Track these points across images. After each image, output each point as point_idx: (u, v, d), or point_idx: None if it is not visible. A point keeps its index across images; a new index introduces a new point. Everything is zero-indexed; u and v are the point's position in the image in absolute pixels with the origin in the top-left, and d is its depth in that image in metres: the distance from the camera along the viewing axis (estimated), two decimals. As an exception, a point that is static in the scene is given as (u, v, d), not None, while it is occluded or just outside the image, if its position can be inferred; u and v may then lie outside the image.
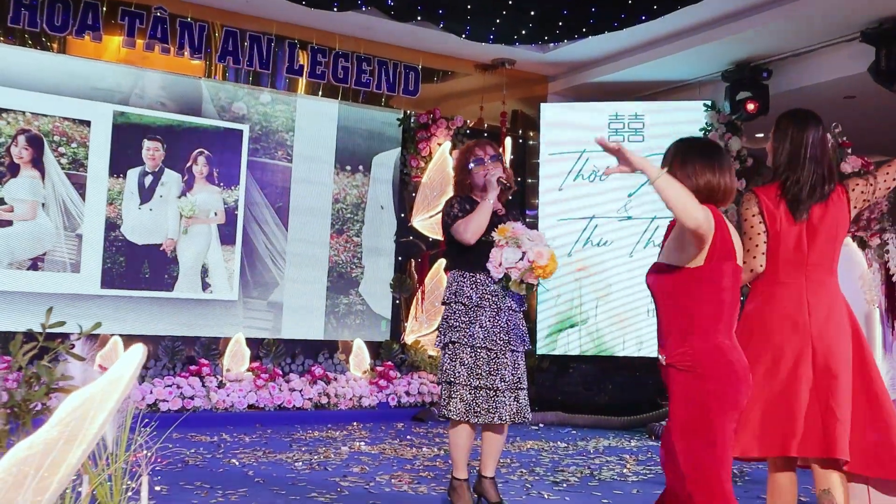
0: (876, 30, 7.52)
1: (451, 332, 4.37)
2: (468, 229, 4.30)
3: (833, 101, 8.82)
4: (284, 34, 8.69)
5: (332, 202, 9.09)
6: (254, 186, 8.70)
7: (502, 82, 9.78)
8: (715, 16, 7.99)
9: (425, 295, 9.23)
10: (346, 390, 8.50)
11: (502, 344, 4.34)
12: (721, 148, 3.08)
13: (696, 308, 2.79)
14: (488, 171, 4.44)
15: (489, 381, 4.27)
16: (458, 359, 4.33)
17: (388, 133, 9.40)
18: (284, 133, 8.84)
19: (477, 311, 4.33)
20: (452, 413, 4.32)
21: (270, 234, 8.81)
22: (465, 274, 4.41)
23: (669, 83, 9.54)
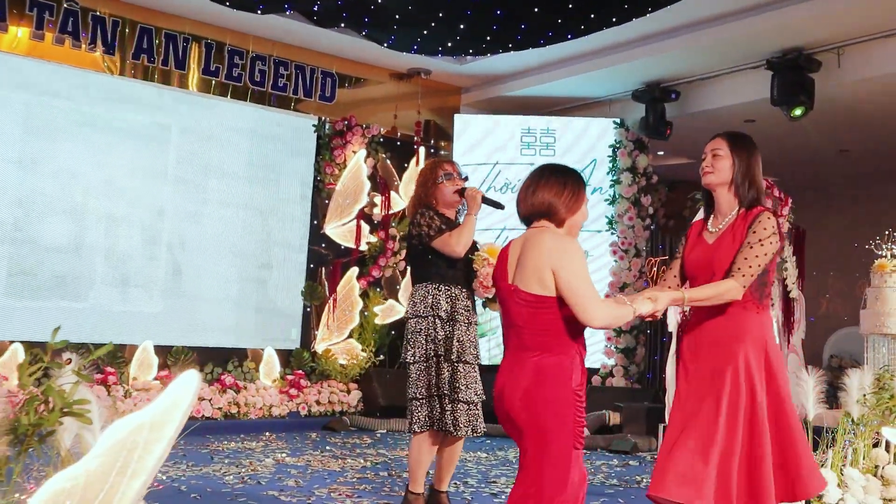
0: (780, 59, 7.93)
1: (431, 345, 4.34)
2: (460, 242, 4.31)
3: (734, 124, 9.21)
4: (198, 34, 8.46)
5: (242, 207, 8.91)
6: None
7: (417, 91, 9.80)
8: (629, 37, 8.23)
9: (337, 303, 9.15)
10: (257, 399, 8.34)
11: (473, 357, 4.37)
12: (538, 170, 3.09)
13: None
14: (465, 188, 4.48)
15: (466, 395, 4.29)
16: (441, 372, 4.32)
17: (302, 138, 9.28)
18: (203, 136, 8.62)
19: (453, 324, 4.34)
20: (417, 425, 4.30)
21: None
22: (440, 287, 4.40)
23: (581, 99, 9.78)
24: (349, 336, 9.18)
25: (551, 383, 2.82)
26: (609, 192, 9.52)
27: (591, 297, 2.80)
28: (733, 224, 3.29)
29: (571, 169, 3.11)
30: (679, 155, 10.90)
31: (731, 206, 3.32)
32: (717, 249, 3.28)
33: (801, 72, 7.78)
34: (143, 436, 1.81)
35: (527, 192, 3.00)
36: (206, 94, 8.59)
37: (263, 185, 9.03)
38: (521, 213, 3.03)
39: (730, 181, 3.31)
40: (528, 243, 2.91)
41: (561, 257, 2.82)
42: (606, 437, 7.76)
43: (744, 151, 3.34)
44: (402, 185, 9.68)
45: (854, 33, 7.49)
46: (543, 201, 2.96)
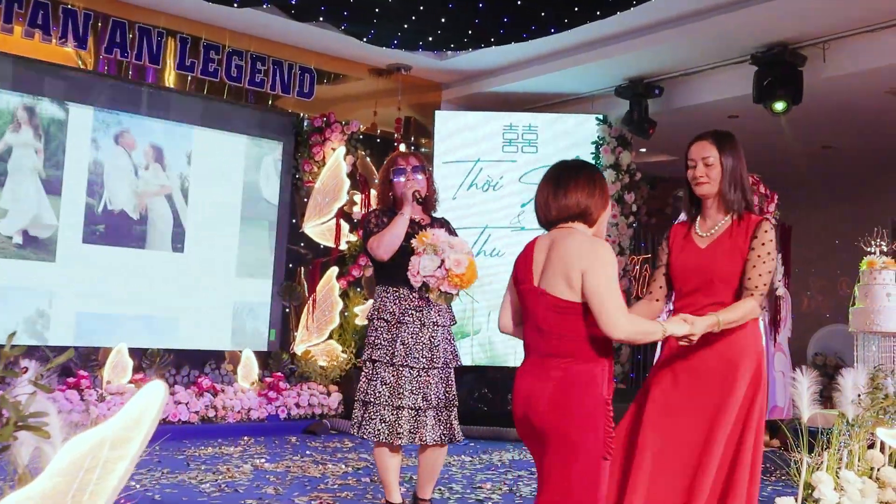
0: (764, 54, 7.83)
1: (372, 349, 4.23)
2: (381, 245, 4.16)
3: (717, 120, 9.12)
4: (173, 28, 8.26)
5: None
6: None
7: (397, 88, 9.64)
8: (612, 32, 8.13)
9: (316, 304, 8.97)
10: (235, 402, 8.14)
11: (425, 361, 4.19)
12: (552, 167, 2.98)
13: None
14: (407, 183, 4.31)
15: (411, 401, 4.12)
16: (378, 378, 4.18)
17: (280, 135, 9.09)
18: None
19: (399, 327, 4.19)
20: (370, 435, 4.16)
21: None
22: (387, 289, 4.27)
23: (563, 96, 9.66)
24: (329, 337, 9.00)
25: (580, 391, 2.70)
26: (592, 189, 9.38)
27: (617, 307, 2.68)
28: (730, 231, 3.20)
29: (590, 164, 3.01)
30: (661, 152, 10.80)
31: (721, 209, 3.23)
32: (714, 256, 3.18)
33: (786, 66, 7.69)
34: (103, 453, 1.65)
35: (554, 194, 2.85)
36: (182, 89, 8.38)
37: (240, 182, 8.83)
38: (549, 217, 2.87)
39: (721, 189, 3.22)
40: (558, 245, 2.79)
41: (593, 262, 2.70)
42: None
43: (731, 155, 3.24)
44: (383, 183, 9.51)
45: (839, 27, 7.40)
46: (576, 203, 2.84)
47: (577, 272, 2.70)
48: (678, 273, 3.26)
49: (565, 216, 2.85)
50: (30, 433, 2.01)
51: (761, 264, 3.11)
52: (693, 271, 3.20)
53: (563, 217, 2.85)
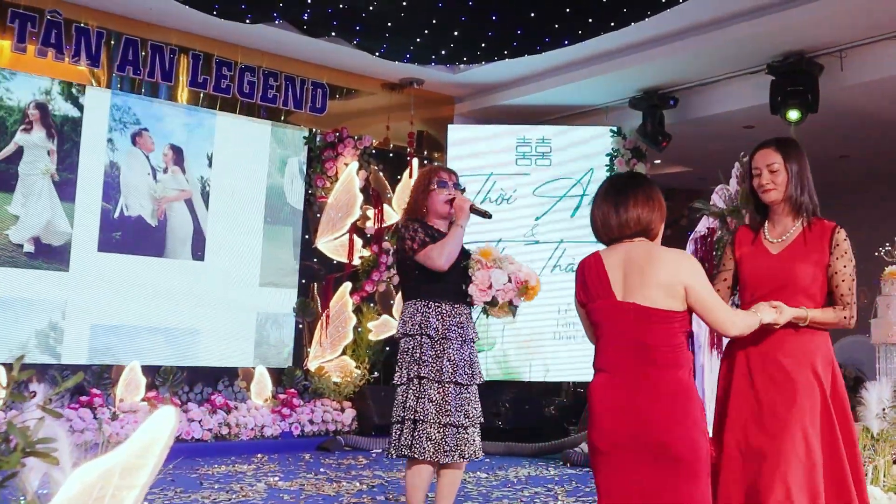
0: (781, 63, 7.75)
1: (416, 366, 4.12)
2: (443, 255, 4.07)
3: (733, 131, 9.06)
4: (185, 45, 8.25)
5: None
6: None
7: (409, 102, 9.61)
8: (625, 43, 8.06)
9: (330, 319, 8.91)
10: (248, 420, 8.09)
11: (468, 378, 4.14)
12: (607, 182, 3.05)
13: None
14: (455, 197, 4.26)
15: (455, 419, 4.06)
16: (425, 395, 4.09)
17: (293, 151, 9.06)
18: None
19: (444, 343, 4.12)
20: (418, 453, 4.07)
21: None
22: (429, 304, 4.17)
23: (577, 108, 9.60)
24: (342, 353, 8.94)
25: (692, 400, 2.76)
26: (607, 201, 9.29)
27: (726, 309, 2.87)
28: (804, 237, 3.21)
29: (646, 177, 3.09)
30: (676, 163, 10.74)
31: (790, 216, 3.25)
32: (790, 262, 3.18)
33: (803, 75, 7.61)
34: (113, 481, 1.59)
35: (616, 210, 2.88)
36: (195, 106, 8.37)
37: (253, 198, 8.80)
38: (612, 234, 2.90)
39: (789, 194, 3.22)
40: (642, 259, 2.83)
41: (692, 273, 2.80)
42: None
43: (795, 161, 3.23)
44: (395, 198, 9.47)
45: (856, 36, 7.32)
46: (638, 218, 2.88)
47: (680, 286, 2.77)
48: (750, 279, 3.26)
49: (629, 232, 2.88)
50: (38, 459, 1.96)
51: (849, 279, 3.16)
52: (767, 277, 3.20)
53: (627, 233, 2.88)
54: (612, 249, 2.90)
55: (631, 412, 2.74)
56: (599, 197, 2.96)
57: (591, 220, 2.98)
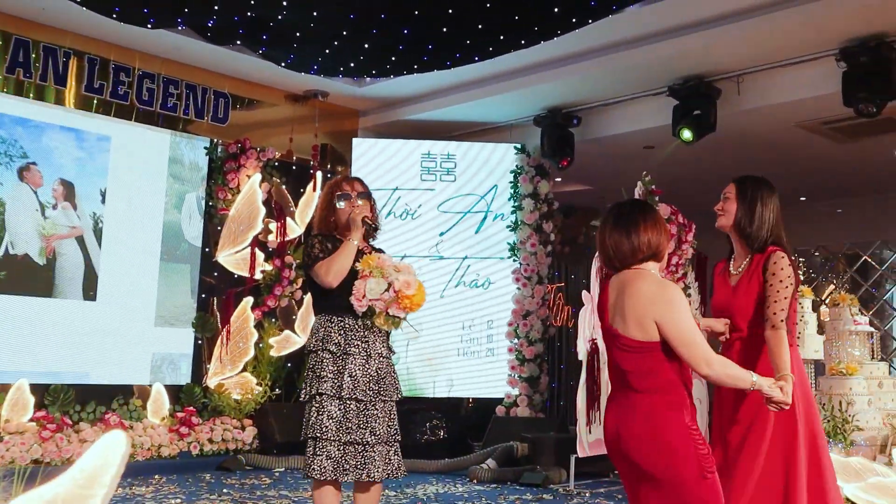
0: (682, 86, 7.98)
1: (317, 382, 4.01)
2: (329, 271, 3.98)
3: (634, 151, 9.27)
4: (80, 48, 7.92)
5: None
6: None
7: (313, 114, 9.47)
8: (531, 61, 8.13)
9: (230, 335, 8.67)
10: (144, 439, 7.78)
11: (372, 394, 4.03)
12: (614, 210, 3.08)
13: None
14: (353, 209, 4.16)
15: (359, 436, 3.95)
16: (325, 412, 3.98)
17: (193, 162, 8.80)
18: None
19: (346, 358, 4.01)
20: (316, 472, 3.95)
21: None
22: (332, 318, 4.07)
23: (482, 124, 9.65)
24: (243, 369, 8.71)
25: (666, 425, 2.80)
26: (511, 218, 9.38)
27: (703, 349, 2.82)
28: (749, 269, 3.38)
29: (645, 203, 3.18)
30: (577, 181, 10.91)
31: (743, 248, 3.44)
32: (736, 294, 3.38)
33: (703, 98, 7.84)
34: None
35: (627, 236, 2.95)
36: (87, 111, 8.03)
37: (151, 209, 8.49)
38: (624, 261, 2.97)
39: (736, 224, 3.42)
40: (628, 288, 2.91)
41: (665, 310, 2.82)
42: (516, 470, 7.55)
43: (748, 194, 3.42)
44: (298, 211, 9.31)
45: (753, 62, 7.59)
46: (648, 243, 2.95)
47: (649, 320, 2.83)
48: (714, 310, 3.47)
49: (640, 257, 2.95)
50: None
51: (774, 293, 3.25)
52: (724, 310, 3.41)
53: (639, 258, 2.95)
54: (617, 276, 3.02)
55: (615, 433, 2.91)
56: (608, 225, 3.02)
57: (600, 248, 3.04)
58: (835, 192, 11.29)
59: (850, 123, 8.12)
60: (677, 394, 2.85)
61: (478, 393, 9.37)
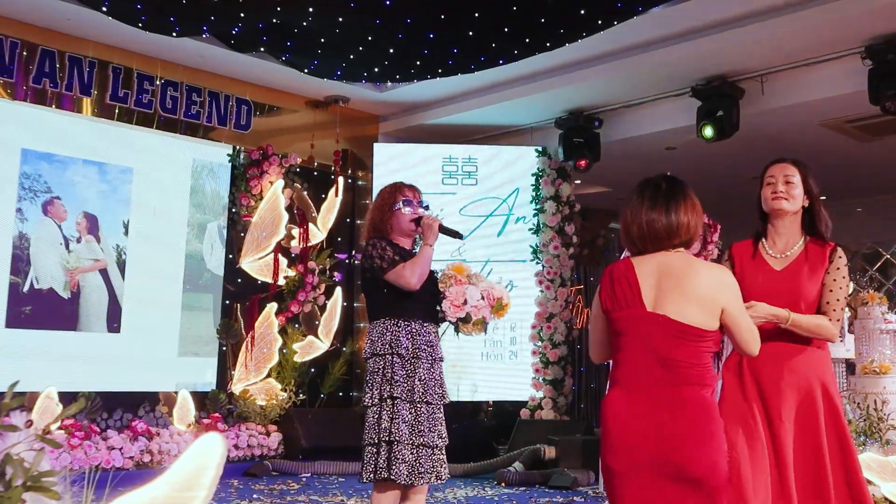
0: (704, 86, 7.97)
1: (388, 385, 4.00)
2: (415, 273, 3.97)
3: (655, 152, 9.26)
4: (104, 58, 7.96)
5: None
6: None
7: (334, 120, 9.49)
8: (552, 64, 8.13)
9: (255, 341, 8.68)
10: (171, 446, 7.79)
11: (438, 398, 4.06)
12: (651, 186, 2.81)
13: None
14: (422, 216, 4.18)
15: (429, 439, 3.96)
16: (398, 416, 3.98)
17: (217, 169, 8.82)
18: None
19: (415, 362, 4.02)
20: (395, 476, 3.94)
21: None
22: (398, 323, 4.06)
23: (502, 128, 9.65)
24: (268, 375, 8.73)
25: (717, 423, 2.62)
26: (532, 221, 9.38)
27: (755, 330, 2.76)
28: (806, 254, 3.26)
29: (683, 181, 2.86)
30: (596, 183, 10.90)
31: (794, 233, 3.30)
32: (796, 278, 3.22)
33: (726, 99, 7.83)
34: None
35: (667, 215, 2.70)
36: (111, 120, 8.06)
37: (175, 217, 8.51)
38: (659, 240, 2.71)
39: (801, 209, 3.29)
40: (680, 270, 2.68)
41: (732, 294, 2.69)
42: (544, 473, 7.54)
43: (813, 180, 3.32)
44: (321, 217, 9.33)
45: (776, 62, 7.58)
46: (687, 224, 2.72)
47: (717, 305, 2.65)
48: (753, 295, 3.19)
49: (676, 240, 2.72)
50: (39, 494, 1.81)
51: (838, 290, 3.20)
52: (772, 293, 3.20)
53: (674, 240, 2.72)
54: (646, 258, 2.73)
55: (651, 430, 2.60)
56: (645, 201, 2.74)
57: (629, 225, 2.76)
58: (856, 191, 11.24)
59: (874, 121, 8.09)
60: (713, 389, 2.69)
61: (502, 396, 9.36)
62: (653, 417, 2.61)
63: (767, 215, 3.36)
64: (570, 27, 6.36)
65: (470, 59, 6.85)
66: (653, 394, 2.64)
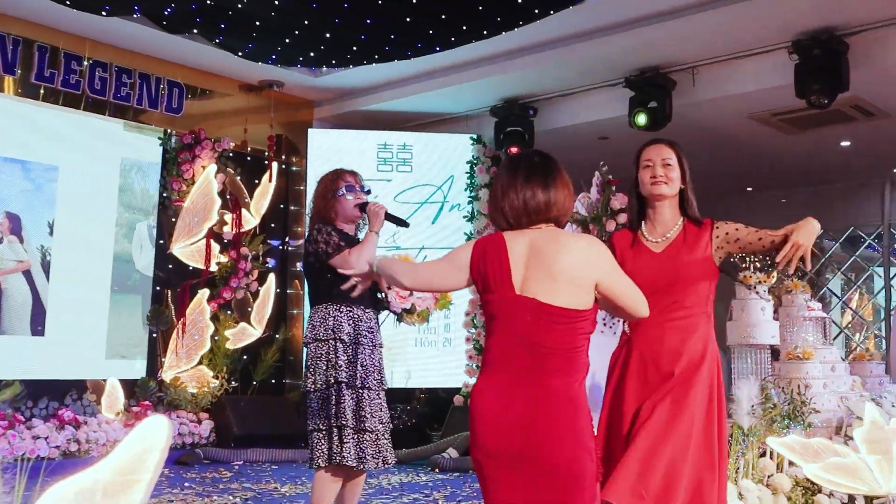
0: (637, 77, 8.09)
1: (333, 370, 3.99)
2: (361, 258, 3.93)
3: (589, 142, 9.37)
4: (29, 36, 7.73)
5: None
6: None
7: (268, 105, 9.38)
8: (488, 52, 8.17)
9: (186, 328, 8.56)
10: (99, 435, 7.65)
11: (376, 384, 4.05)
12: (525, 159, 2.68)
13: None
14: (366, 202, 4.16)
15: (371, 424, 3.97)
16: (344, 400, 3.97)
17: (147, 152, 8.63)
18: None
19: (357, 348, 4.01)
20: (347, 460, 3.93)
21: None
22: (341, 308, 4.04)
23: (438, 115, 9.65)
24: (199, 362, 8.61)
25: (581, 414, 2.44)
26: (467, 208, 9.42)
27: (637, 292, 2.60)
28: (684, 235, 3.14)
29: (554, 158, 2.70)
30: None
31: (673, 216, 3.17)
32: (676, 257, 3.10)
33: (658, 90, 7.96)
34: (95, 501, 1.45)
35: (546, 189, 2.54)
36: (36, 100, 7.83)
37: (103, 217, 8.26)
38: (537, 215, 2.54)
39: (678, 192, 3.16)
40: (548, 247, 2.49)
41: (604, 263, 2.53)
42: (477, 458, 7.58)
43: (685, 160, 3.19)
44: (254, 202, 9.23)
45: (707, 54, 7.74)
46: (565, 200, 2.57)
47: (589, 279, 2.48)
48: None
49: (554, 214, 2.55)
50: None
51: (743, 225, 3.13)
52: (653, 275, 3.07)
53: (551, 215, 2.55)
54: (518, 234, 2.53)
55: (515, 421, 2.41)
56: (520, 174, 2.56)
57: (503, 201, 2.56)
58: (780, 183, 11.54)
59: (799, 115, 8.32)
60: (582, 378, 2.49)
61: (436, 383, 9.40)
62: (515, 408, 2.43)
63: (644, 199, 3.22)
64: (507, 15, 6.40)
65: (406, 45, 6.84)
66: (517, 383, 2.45)
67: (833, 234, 12.27)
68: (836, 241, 12.35)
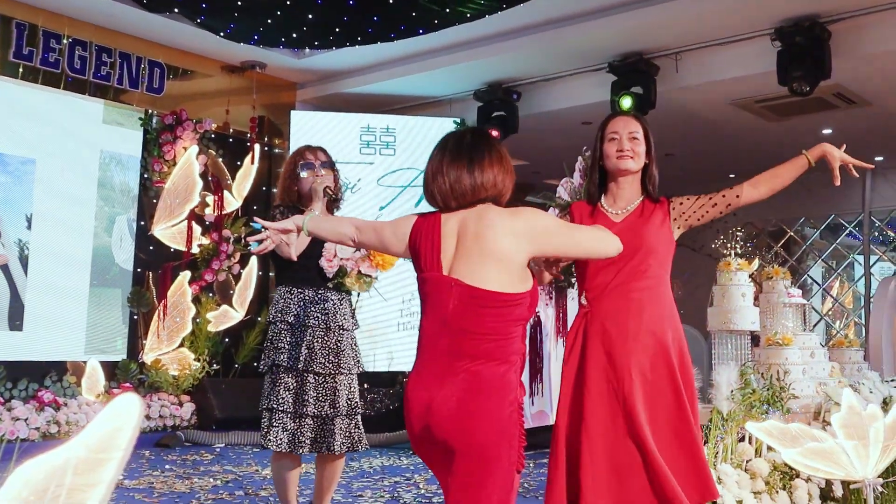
0: (621, 62, 8.08)
1: (275, 353, 4.00)
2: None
3: (572, 127, 9.35)
4: (5, 12, 7.63)
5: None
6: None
7: (250, 86, 9.31)
8: (472, 36, 8.14)
9: (167, 310, 8.52)
10: (79, 417, 7.61)
11: (332, 367, 4.02)
12: (452, 139, 2.61)
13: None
14: (315, 179, 4.11)
15: (317, 409, 3.95)
16: (281, 384, 3.97)
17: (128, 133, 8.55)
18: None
19: (304, 330, 3.99)
20: (273, 444, 3.95)
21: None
22: (291, 290, 4.04)
23: (421, 98, 9.62)
24: (180, 345, 8.58)
25: (491, 397, 2.35)
26: (450, 192, 9.39)
27: (595, 236, 2.58)
28: (642, 209, 3.07)
29: (490, 134, 2.67)
30: (513, 156, 10.88)
31: (635, 192, 3.11)
32: (635, 226, 3.03)
33: (641, 75, 7.96)
34: (66, 480, 1.44)
35: (471, 170, 2.47)
36: (14, 79, 7.74)
37: (80, 234, 8.15)
38: (464, 200, 2.47)
39: (642, 168, 3.10)
40: (475, 225, 2.42)
41: (547, 228, 2.46)
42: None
43: (651, 135, 3.14)
44: (236, 184, 9.17)
45: (690, 40, 7.73)
46: (496, 181, 2.49)
47: (522, 257, 2.39)
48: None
49: (483, 196, 2.48)
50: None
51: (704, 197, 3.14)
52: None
53: (481, 197, 2.47)
54: (452, 214, 2.48)
55: (433, 405, 2.37)
56: (446, 156, 2.51)
57: (432, 183, 2.51)
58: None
59: (781, 102, 8.34)
60: (512, 365, 2.41)
61: (417, 367, 9.39)
62: (428, 388, 2.39)
63: (606, 173, 3.12)
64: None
65: (390, 27, 6.80)
66: (434, 363, 2.41)
67: (814, 223, 12.34)
68: (817, 230, 12.42)
